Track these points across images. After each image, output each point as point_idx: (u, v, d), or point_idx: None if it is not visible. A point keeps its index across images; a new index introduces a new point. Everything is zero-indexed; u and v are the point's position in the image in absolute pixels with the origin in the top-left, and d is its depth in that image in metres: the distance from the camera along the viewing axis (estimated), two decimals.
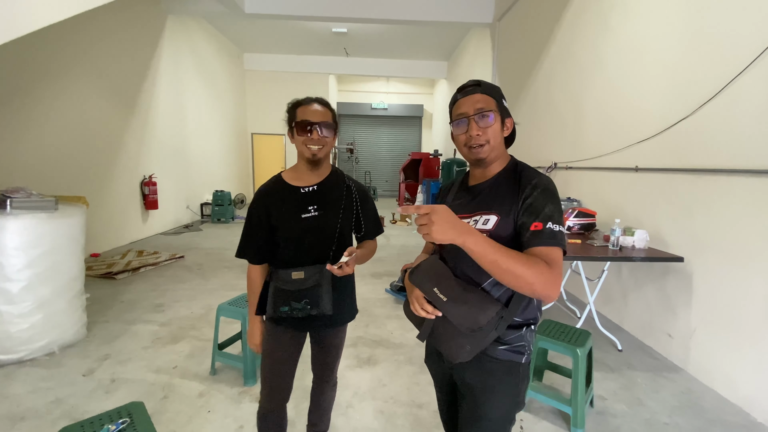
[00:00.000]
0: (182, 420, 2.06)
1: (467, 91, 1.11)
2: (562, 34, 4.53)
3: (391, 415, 2.14)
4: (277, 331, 1.46)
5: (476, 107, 1.07)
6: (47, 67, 4.57)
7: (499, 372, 1.08)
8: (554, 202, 1.02)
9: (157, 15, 6.75)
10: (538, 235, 0.97)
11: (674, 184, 2.81)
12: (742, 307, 2.28)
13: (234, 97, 10.74)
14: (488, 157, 1.10)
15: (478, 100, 1.08)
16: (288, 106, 1.42)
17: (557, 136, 4.64)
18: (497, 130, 1.09)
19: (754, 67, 2.21)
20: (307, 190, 1.42)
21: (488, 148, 1.08)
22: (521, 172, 1.09)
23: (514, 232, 1.03)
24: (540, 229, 0.98)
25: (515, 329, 1.07)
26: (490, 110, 1.07)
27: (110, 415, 1.34)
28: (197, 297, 3.85)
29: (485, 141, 1.07)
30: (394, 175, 14.95)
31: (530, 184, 1.04)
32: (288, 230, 1.40)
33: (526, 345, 1.09)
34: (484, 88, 1.10)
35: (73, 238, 2.80)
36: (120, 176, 5.92)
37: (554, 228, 0.98)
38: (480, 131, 1.07)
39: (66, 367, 2.54)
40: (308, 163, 1.39)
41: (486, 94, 1.09)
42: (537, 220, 0.99)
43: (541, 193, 1.02)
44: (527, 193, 1.03)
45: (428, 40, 9.85)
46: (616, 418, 2.16)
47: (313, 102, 1.38)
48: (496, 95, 1.10)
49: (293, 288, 1.37)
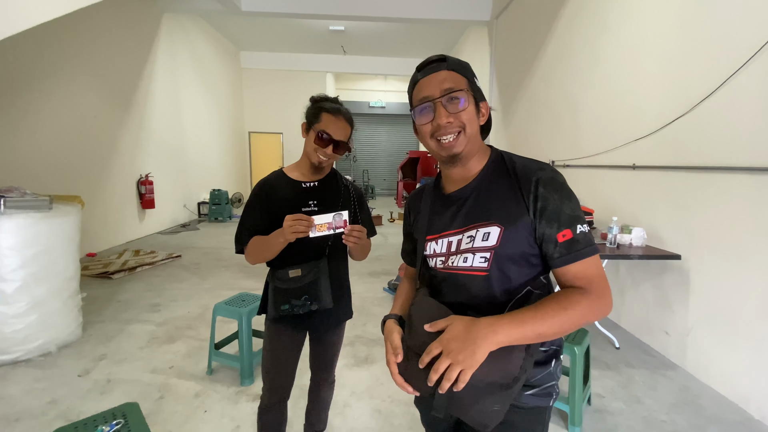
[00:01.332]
0: (179, 420, 2.05)
1: (430, 68, 0.87)
2: (559, 32, 4.53)
3: (389, 414, 2.14)
4: (278, 330, 1.48)
5: (443, 87, 0.84)
6: (41, 65, 4.53)
7: (525, 423, 0.86)
8: (570, 196, 0.83)
9: (152, 13, 6.71)
10: (572, 246, 0.80)
11: (671, 181, 2.80)
12: (739, 305, 2.29)
13: (231, 96, 10.69)
14: (464, 150, 0.86)
15: (444, 79, 0.85)
16: (317, 98, 1.41)
17: (555, 135, 4.64)
18: (472, 115, 0.86)
19: (750, 65, 2.21)
20: (309, 185, 1.45)
21: (463, 139, 0.85)
22: (514, 164, 0.88)
23: (530, 241, 0.84)
24: (570, 237, 0.80)
25: (543, 366, 0.86)
26: (461, 90, 0.84)
27: (105, 416, 1.33)
28: (194, 296, 3.84)
29: (459, 128, 0.84)
30: (392, 173, 14.94)
31: (534, 177, 0.83)
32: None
33: (556, 383, 0.89)
34: (450, 63, 0.86)
35: (68, 238, 2.78)
36: (116, 175, 5.89)
37: (584, 230, 0.81)
38: (451, 117, 0.84)
39: (61, 367, 2.53)
40: (312, 166, 1.42)
41: (454, 71, 0.86)
42: (562, 227, 0.80)
43: (552, 188, 0.82)
44: (535, 193, 0.82)
45: (426, 38, 9.83)
46: (613, 416, 2.16)
47: (341, 115, 1.37)
48: (466, 73, 0.87)
49: (292, 286, 1.38)
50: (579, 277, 0.80)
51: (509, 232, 0.83)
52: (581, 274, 0.80)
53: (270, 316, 1.46)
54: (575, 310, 0.75)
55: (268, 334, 1.49)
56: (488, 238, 0.84)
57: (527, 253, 0.84)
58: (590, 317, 0.77)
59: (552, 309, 0.75)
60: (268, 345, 1.50)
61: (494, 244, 0.84)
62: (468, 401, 0.76)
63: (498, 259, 0.84)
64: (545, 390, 0.86)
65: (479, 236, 0.85)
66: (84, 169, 5.25)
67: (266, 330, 1.50)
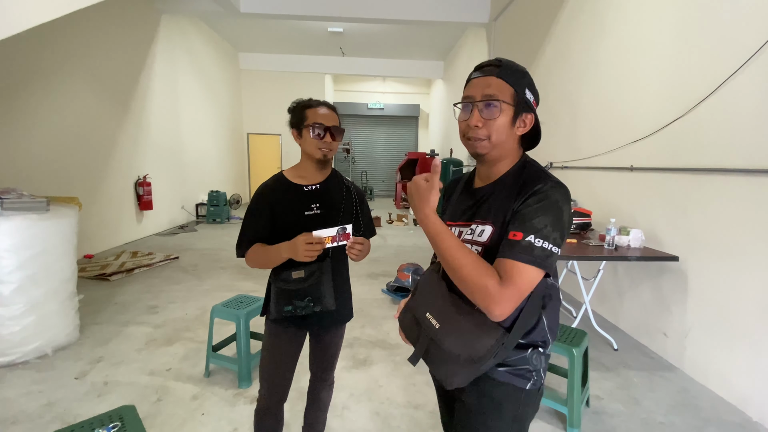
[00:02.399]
0: (176, 423, 2.04)
1: (483, 71, 0.92)
2: (557, 34, 4.54)
3: (387, 417, 2.13)
4: (278, 329, 1.47)
5: (485, 92, 0.89)
6: (38, 66, 4.52)
7: (498, 395, 0.95)
8: (551, 214, 0.84)
9: (150, 14, 6.71)
10: (512, 245, 0.82)
11: (669, 183, 2.81)
12: (737, 306, 2.29)
13: (229, 97, 10.69)
14: (488, 154, 0.93)
15: (489, 84, 0.89)
16: (292, 105, 1.44)
17: (553, 136, 4.65)
18: (503, 125, 0.90)
19: (747, 67, 2.22)
20: (311, 189, 1.45)
21: (487, 145, 0.91)
22: (527, 175, 0.92)
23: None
24: (518, 239, 0.82)
25: (519, 350, 0.93)
26: (499, 100, 0.88)
27: (101, 419, 1.32)
28: (192, 298, 3.83)
29: (485, 136, 0.90)
30: (391, 175, 14.94)
31: (532, 190, 0.87)
32: (291, 227, 1.40)
33: (532, 369, 0.94)
34: (503, 70, 0.90)
35: (65, 239, 2.77)
36: (114, 176, 5.87)
37: (535, 243, 0.81)
38: (480, 122, 0.90)
39: (58, 369, 2.51)
40: (318, 164, 1.42)
41: (503, 79, 0.89)
42: (518, 229, 0.84)
43: (539, 201, 0.85)
44: (524, 200, 0.87)
45: (424, 40, 9.85)
46: (612, 418, 2.16)
47: (322, 105, 1.41)
48: (517, 83, 0.90)
49: (295, 287, 1.38)
50: (499, 269, 0.83)
51: (497, 234, 0.90)
52: (501, 268, 0.82)
53: (272, 316, 1.45)
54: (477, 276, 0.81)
55: (269, 334, 1.49)
56: (482, 235, 0.93)
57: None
58: (475, 295, 0.82)
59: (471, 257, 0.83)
60: (268, 345, 1.49)
61: (485, 241, 0.92)
62: (438, 361, 0.93)
63: (487, 254, 0.90)
64: (517, 370, 0.93)
65: (477, 231, 0.94)
66: (81, 170, 5.24)
67: (266, 330, 1.50)
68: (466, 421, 0.98)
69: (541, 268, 0.82)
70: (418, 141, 15.03)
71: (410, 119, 14.89)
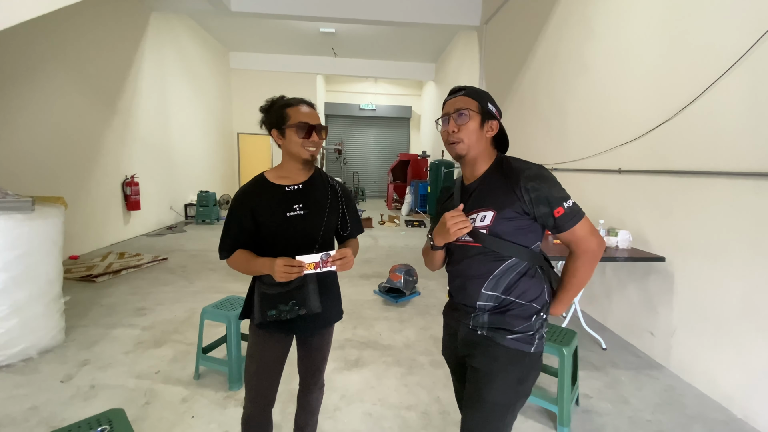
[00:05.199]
0: (165, 426, 2.01)
1: (453, 95, 1.23)
2: (547, 38, 4.60)
3: (379, 418, 2.13)
4: (263, 334, 1.43)
5: (455, 106, 1.18)
6: (24, 63, 4.42)
7: (504, 359, 1.13)
8: (555, 183, 1.12)
9: (139, 11, 6.62)
10: (565, 218, 1.10)
11: (656, 185, 2.87)
12: (722, 306, 2.34)
13: (219, 97, 10.59)
14: (467, 154, 1.18)
15: (458, 101, 1.19)
16: (268, 104, 1.40)
17: (542, 139, 4.70)
18: (473, 128, 1.16)
19: (733, 71, 2.27)
20: (292, 189, 1.41)
21: (464, 146, 1.17)
22: (507, 166, 1.17)
23: (519, 223, 1.13)
24: (563, 213, 1.10)
25: (525, 319, 1.15)
26: (467, 109, 1.16)
27: (89, 422, 1.29)
28: (181, 300, 3.78)
29: (459, 138, 1.17)
30: (383, 176, 14.96)
31: (522, 176, 1.11)
32: (274, 229, 1.37)
33: (534, 333, 1.15)
34: (467, 91, 1.20)
35: (50, 240, 2.71)
36: (100, 176, 5.77)
37: (571, 204, 1.11)
38: (455, 128, 1.17)
39: (43, 373, 2.46)
40: (304, 164, 1.39)
41: (469, 96, 1.19)
42: (554, 206, 1.10)
43: (539, 181, 1.11)
44: (525, 186, 1.10)
45: (416, 42, 9.89)
46: (601, 416, 2.19)
47: (303, 104, 1.37)
48: (480, 98, 1.18)
49: (279, 291, 1.34)
50: (573, 237, 1.13)
51: (499, 215, 1.13)
52: (576, 235, 1.13)
53: (256, 321, 1.41)
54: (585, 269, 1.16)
55: (254, 339, 1.44)
56: (484, 220, 1.15)
57: (513, 231, 1.13)
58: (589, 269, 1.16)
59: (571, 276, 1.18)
60: (253, 351, 1.44)
61: (488, 223, 1.14)
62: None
63: (490, 233, 1.14)
64: (524, 338, 1.14)
65: (479, 218, 1.16)
66: (68, 169, 5.13)
67: (251, 335, 1.45)
68: (474, 383, 1.17)
69: (582, 215, 1.13)
70: (409, 142, 15.07)
71: (402, 121, 14.93)
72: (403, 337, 3.13)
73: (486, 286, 1.17)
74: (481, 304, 1.18)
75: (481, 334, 1.17)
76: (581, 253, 1.14)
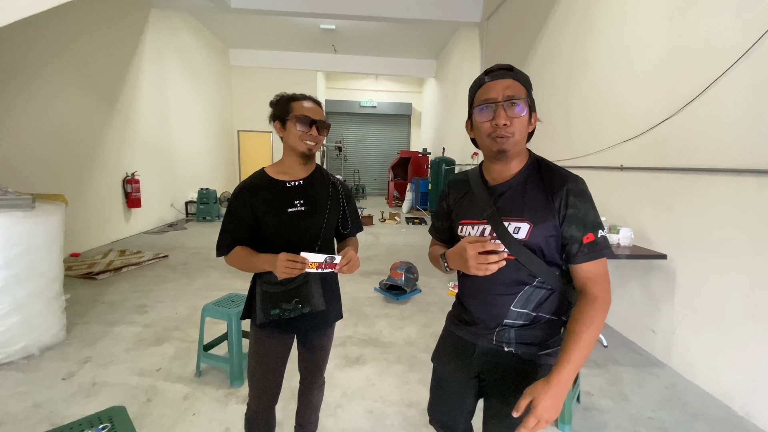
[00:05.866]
0: (166, 423, 2.02)
1: (497, 75, 0.99)
2: (549, 34, 4.57)
3: (381, 415, 2.13)
4: (265, 334, 1.42)
5: (506, 93, 0.96)
6: (24, 60, 4.41)
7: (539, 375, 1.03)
8: (593, 206, 1.01)
9: (139, 9, 6.59)
10: (594, 247, 0.97)
11: (658, 182, 2.86)
12: (723, 304, 2.34)
13: (220, 94, 10.57)
14: (511, 150, 1.00)
15: (508, 86, 0.97)
16: (276, 98, 1.39)
17: (544, 136, 4.68)
18: (525, 122, 0.99)
19: (736, 68, 2.26)
20: (293, 184, 1.39)
21: (513, 141, 0.98)
22: (548, 173, 1.02)
23: (551, 240, 1.00)
24: (593, 240, 0.98)
25: (555, 332, 1.06)
26: (521, 99, 0.97)
27: (90, 420, 1.29)
28: (182, 297, 3.78)
29: (512, 133, 0.97)
30: (383, 173, 14.94)
31: (565, 188, 0.98)
32: (274, 225, 1.35)
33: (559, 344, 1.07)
34: (516, 73, 0.99)
35: (51, 238, 2.71)
36: (101, 174, 5.77)
37: (604, 234, 0.99)
38: (507, 120, 0.96)
39: (45, 370, 2.46)
40: (302, 158, 1.37)
41: (518, 81, 0.98)
42: (587, 231, 0.98)
43: (581, 199, 0.99)
44: (565, 201, 0.98)
45: (417, 39, 9.85)
46: (602, 414, 2.19)
47: (308, 99, 1.37)
48: (527, 84, 1.00)
49: (281, 289, 1.33)
50: (591, 274, 0.98)
51: (536, 230, 0.99)
52: (593, 272, 0.98)
53: (258, 320, 1.39)
54: (595, 324, 0.94)
55: (255, 339, 1.43)
56: (518, 232, 1.00)
57: (546, 248, 1.00)
58: (603, 320, 0.96)
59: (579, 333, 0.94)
60: (255, 350, 1.44)
61: (524, 237, 1.00)
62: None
63: (524, 248, 1.00)
64: (556, 351, 1.05)
65: (511, 228, 1.01)
66: (68, 167, 5.13)
67: (252, 335, 1.44)
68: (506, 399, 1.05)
69: (610, 254, 0.99)
70: (410, 139, 15.04)
71: (402, 118, 14.90)
72: (404, 334, 3.13)
73: (516, 303, 1.04)
74: (510, 322, 1.06)
75: (508, 351, 1.06)
76: (594, 297, 0.96)
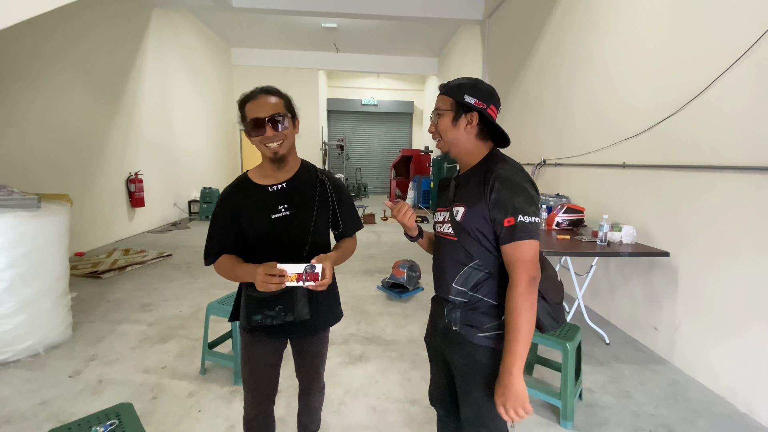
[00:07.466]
0: (172, 420, 2.04)
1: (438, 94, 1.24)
2: (551, 31, 4.56)
3: (384, 412, 2.15)
4: (253, 339, 1.37)
5: (435, 107, 1.21)
6: (28, 61, 4.44)
7: (478, 355, 1.15)
8: (521, 193, 1.06)
9: (141, 8, 6.61)
10: (512, 230, 1.04)
11: (660, 180, 2.85)
12: (726, 301, 2.34)
13: (222, 93, 10.58)
14: (450, 151, 1.21)
15: (437, 101, 1.21)
16: (238, 103, 1.29)
17: (546, 133, 4.68)
18: (446, 125, 1.17)
19: (739, 65, 2.25)
20: (276, 189, 1.32)
21: (443, 143, 1.20)
22: (490, 162, 1.15)
23: (483, 223, 1.10)
24: (513, 224, 1.04)
25: (494, 317, 1.15)
26: (442, 109, 1.18)
27: (98, 416, 1.31)
28: (186, 296, 3.81)
29: (438, 137, 1.21)
30: (385, 171, 14.93)
31: (493, 174, 1.09)
32: (258, 232, 1.30)
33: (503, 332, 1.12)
34: (445, 89, 1.20)
35: (56, 237, 2.74)
36: (105, 173, 5.80)
37: (527, 221, 1.04)
38: (432, 127, 1.22)
39: (51, 368, 2.49)
40: (272, 163, 1.29)
41: (445, 94, 1.18)
42: (508, 215, 1.05)
43: (505, 185, 1.07)
44: (492, 186, 1.08)
45: (418, 37, 9.82)
46: (604, 411, 2.20)
47: (258, 94, 1.25)
48: (455, 94, 1.15)
49: (265, 295, 1.25)
50: (510, 257, 1.06)
51: (470, 212, 1.12)
52: (512, 256, 1.05)
53: (243, 325, 1.36)
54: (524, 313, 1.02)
55: (244, 344, 1.39)
56: (457, 215, 1.16)
57: (481, 231, 1.11)
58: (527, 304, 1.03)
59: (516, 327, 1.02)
60: (245, 356, 1.39)
61: (459, 219, 1.15)
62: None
63: (457, 226, 1.16)
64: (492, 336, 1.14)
65: (455, 212, 1.17)
66: (72, 167, 5.16)
67: (242, 340, 1.40)
68: (461, 381, 1.21)
69: (536, 238, 1.04)
70: (412, 138, 15.03)
71: (404, 116, 14.88)
72: (407, 332, 3.14)
73: (457, 280, 1.17)
74: (453, 298, 1.19)
75: (455, 330, 1.19)
76: (512, 284, 1.04)
